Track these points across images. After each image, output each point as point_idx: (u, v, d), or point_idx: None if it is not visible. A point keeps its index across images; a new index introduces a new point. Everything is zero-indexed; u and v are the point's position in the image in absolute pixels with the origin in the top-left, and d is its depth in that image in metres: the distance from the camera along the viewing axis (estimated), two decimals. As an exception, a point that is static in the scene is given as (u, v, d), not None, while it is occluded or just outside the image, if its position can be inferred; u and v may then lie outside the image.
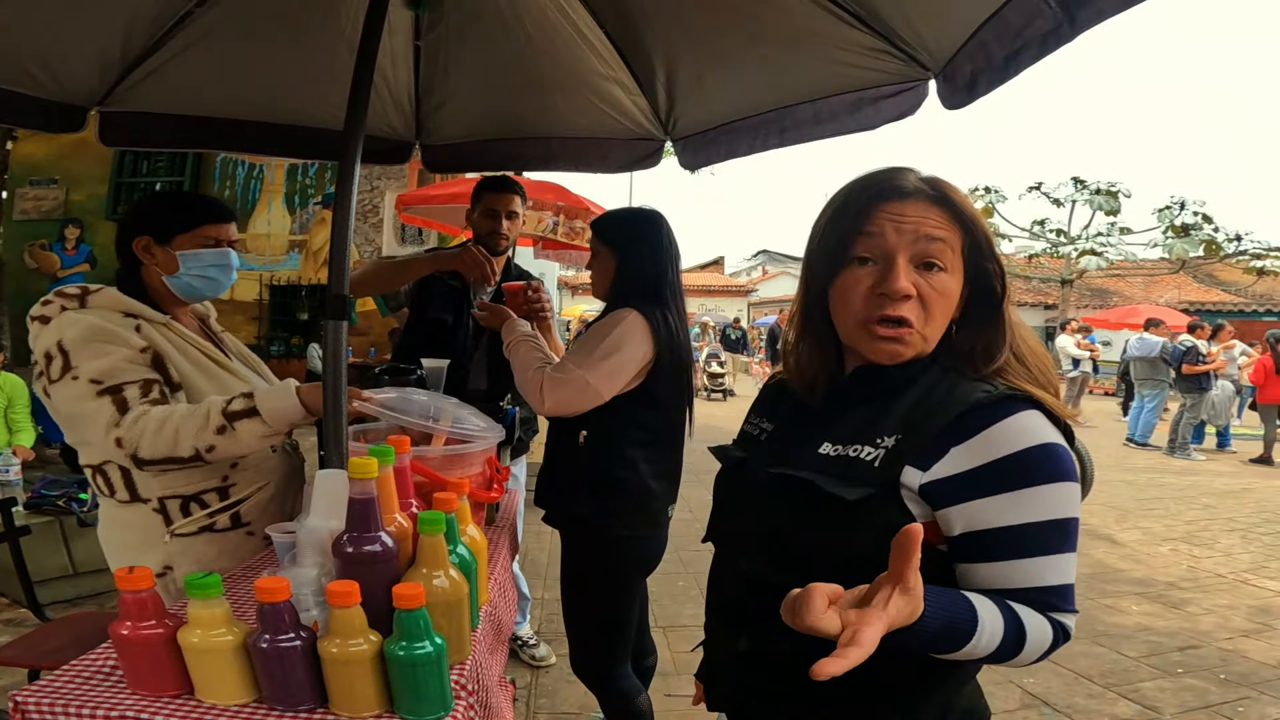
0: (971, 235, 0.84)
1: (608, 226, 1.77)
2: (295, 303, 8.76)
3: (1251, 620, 3.36)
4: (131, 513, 1.40)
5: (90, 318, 1.32)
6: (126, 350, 1.32)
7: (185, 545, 1.40)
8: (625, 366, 1.61)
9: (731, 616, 0.95)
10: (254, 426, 1.32)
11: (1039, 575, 0.74)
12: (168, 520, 1.39)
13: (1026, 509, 0.73)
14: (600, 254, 1.76)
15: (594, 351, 1.59)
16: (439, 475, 1.30)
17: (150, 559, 1.38)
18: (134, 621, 0.86)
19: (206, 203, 1.51)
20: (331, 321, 1.29)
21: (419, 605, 0.82)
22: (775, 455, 0.91)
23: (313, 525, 1.01)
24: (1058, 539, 0.74)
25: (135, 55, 1.80)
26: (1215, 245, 16.40)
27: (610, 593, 1.75)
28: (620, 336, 1.60)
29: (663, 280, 1.70)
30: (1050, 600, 0.75)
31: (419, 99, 2.21)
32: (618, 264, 1.72)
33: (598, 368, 1.58)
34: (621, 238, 1.74)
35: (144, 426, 1.28)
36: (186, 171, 8.65)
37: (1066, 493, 0.74)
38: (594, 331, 1.64)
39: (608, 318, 1.65)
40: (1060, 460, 0.74)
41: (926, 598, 0.65)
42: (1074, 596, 0.76)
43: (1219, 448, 9.03)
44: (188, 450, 1.29)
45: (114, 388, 1.29)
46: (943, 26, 1.40)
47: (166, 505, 1.39)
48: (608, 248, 1.74)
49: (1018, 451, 0.73)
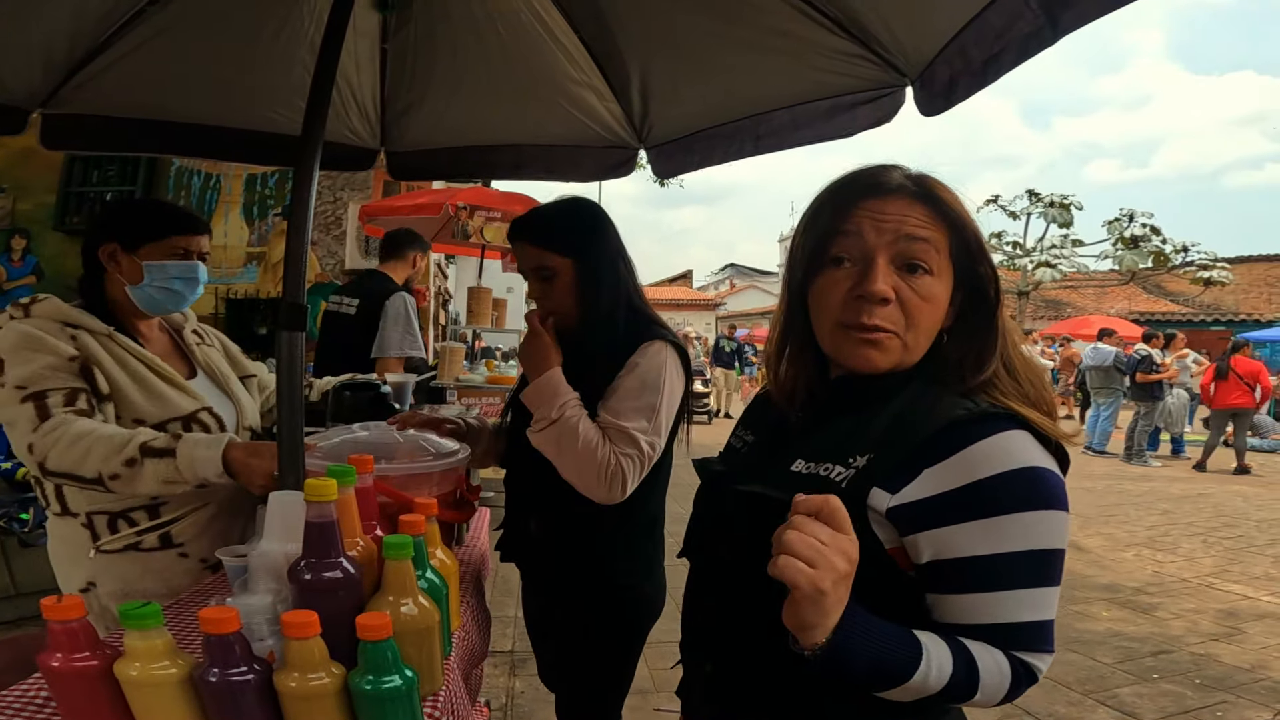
0: (960, 235, 0.79)
1: (554, 233, 1.42)
2: (253, 317, 8.52)
3: (1220, 624, 3.43)
4: (63, 526, 1.37)
5: (25, 326, 1.30)
6: (52, 358, 1.28)
7: (109, 562, 1.36)
8: (673, 413, 1.39)
9: (701, 640, 0.91)
10: (161, 469, 1.24)
11: (1010, 610, 0.69)
12: (94, 536, 1.35)
13: (1001, 538, 0.68)
14: (553, 271, 1.40)
15: (652, 409, 1.33)
16: (404, 495, 1.22)
17: (76, 573, 1.36)
18: (64, 653, 0.77)
19: (179, 212, 1.49)
20: (286, 332, 1.22)
21: (386, 636, 0.76)
22: (751, 471, 0.86)
23: (266, 549, 0.94)
24: (1034, 572, 0.69)
25: (82, 54, 1.69)
26: (1163, 256, 17.03)
27: (628, 649, 1.50)
28: (667, 381, 1.36)
29: (638, 286, 1.49)
30: (1020, 638, 0.70)
31: (384, 104, 2.14)
32: (583, 277, 1.40)
33: (661, 428, 1.33)
34: (579, 243, 1.41)
35: (59, 436, 1.22)
36: (139, 180, 8.34)
37: (1049, 521, 0.69)
38: (637, 379, 1.35)
39: (645, 359, 1.36)
40: (1043, 485, 0.69)
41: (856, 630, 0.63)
42: (1051, 635, 0.71)
43: (1174, 454, 9.32)
44: (91, 471, 1.23)
45: (37, 394, 1.25)
46: (922, 31, 1.39)
47: (94, 520, 1.36)
48: (563, 259, 1.40)
49: (995, 475, 0.68)
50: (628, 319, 1.43)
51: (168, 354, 1.52)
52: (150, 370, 1.41)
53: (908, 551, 0.72)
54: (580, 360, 1.39)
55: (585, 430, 1.29)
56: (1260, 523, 5.59)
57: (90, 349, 1.34)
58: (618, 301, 1.42)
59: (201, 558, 1.40)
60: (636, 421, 1.31)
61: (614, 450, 1.29)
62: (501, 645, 2.93)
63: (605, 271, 1.42)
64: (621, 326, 1.41)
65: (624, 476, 1.28)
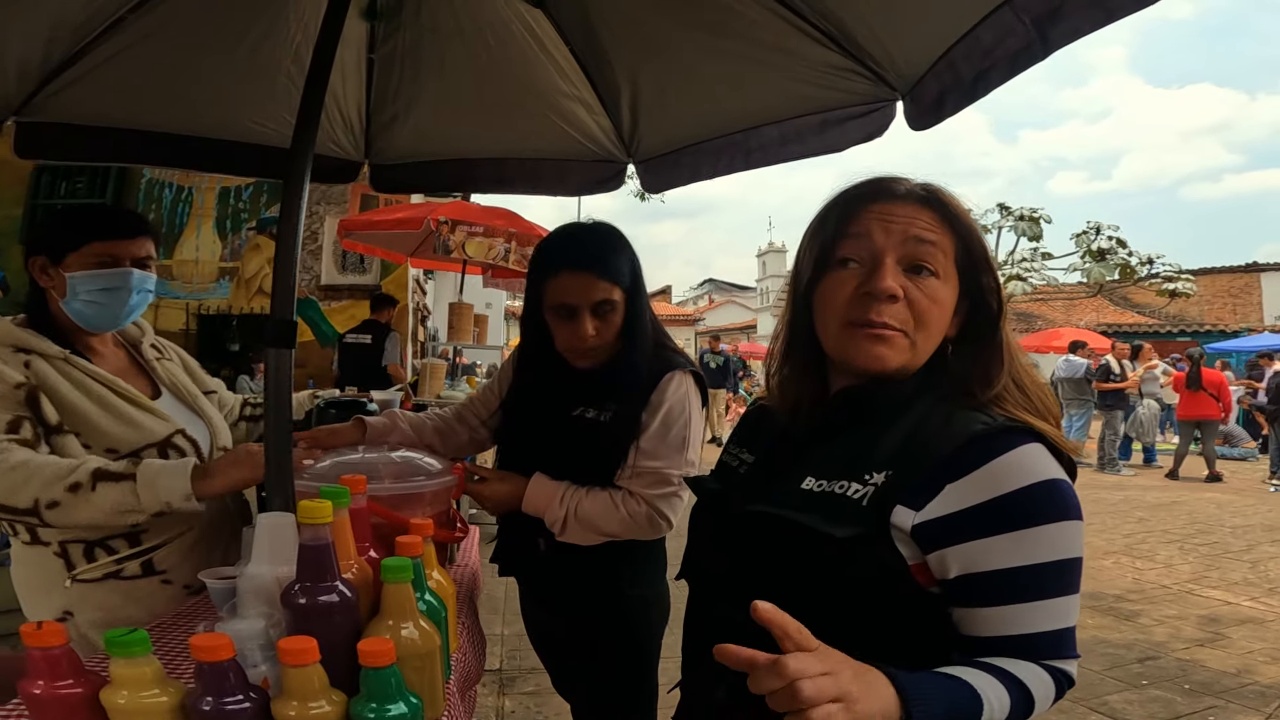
0: (966, 244, 0.79)
1: (614, 263, 1.33)
2: (226, 333, 8.36)
3: (1203, 630, 3.47)
4: (33, 554, 1.28)
5: None
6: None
7: (86, 592, 1.28)
8: (699, 440, 1.39)
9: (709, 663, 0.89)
10: (116, 494, 1.16)
11: (1041, 620, 0.70)
12: (69, 565, 1.27)
13: (1029, 550, 0.68)
14: (614, 305, 1.33)
15: (683, 441, 1.33)
16: (397, 515, 1.18)
17: (51, 602, 1.27)
18: (47, 680, 0.74)
19: (100, 215, 1.36)
20: (273, 350, 1.18)
21: (390, 662, 0.73)
22: (754, 490, 0.84)
23: (255, 572, 0.91)
24: (1061, 581, 0.70)
25: (58, 61, 1.65)
26: (1129, 269, 17.45)
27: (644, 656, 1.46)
28: (693, 415, 1.36)
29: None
30: (1050, 646, 0.70)
31: (369, 115, 2.11)
32: (631, 311, 1.35)
33: (691, 459, 1.34)
34: (631, 273, 1.36)
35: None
36: (108, 192, 8.17)
37: (1070, 531, 0.70)
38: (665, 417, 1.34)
39: (670, 396, 1.34)
40: (1064, 497, 0.70)
41: (923, 690, 0.61)
42: (1075, 640, 0.72)
43: (1146, 463, 9.50)
44: (26, 501, 1.14)
45: None
46: (913, 45, 1.40)
47: (68, 549, 1.27)
48: (622, 292, 1.34)
49: (1020, 489, 0.69)
50: (672, 356, 1.42)
51: (126, 372, 1.42)
52: (114, 393, 1.32)
53: (930, 567, 0.72)
54: (601, 384, 1.37)
55: (595, 505, 1.31)
56: (1234, 529, 5.70)
57: (45, 375, 1.25)
58: (645, 340, 1.38)
59: (185, 584, 1.34)
60: (670, 459, 1.32)
61: (640, 497, 1.31)
62: (489, 664, 2.87)
63: (645, 303, 1.40)
64: (673, 365, 1.39)
65: (663, 514, 1.31)
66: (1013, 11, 1.18)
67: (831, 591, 0.71)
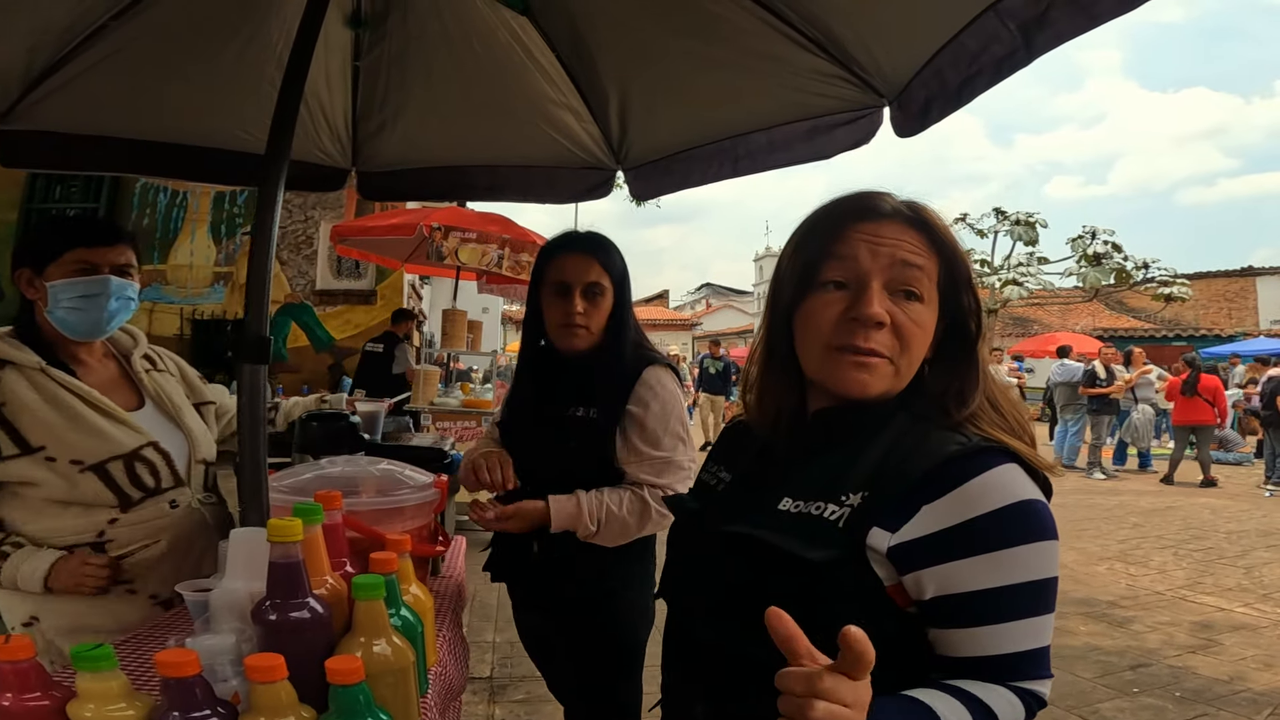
0: (950, 266, 0.79)
1: (609, 254, 1.49)
2: (220, 338, 8.34)
3: (1195, 636, 3.46)
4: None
5: None
6: None
7: (54, 598, 1.29)
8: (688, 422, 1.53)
9: (689, 681, 0.87)
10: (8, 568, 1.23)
11: (1015, 641, 0.69)
12: None
13: (1004, 571, 0.68)
14: (603, 290, 1.47)
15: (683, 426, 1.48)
16: (376, 531, 1.17)
17: (16, 607, 1.30)
18: (14, 693, 0.72)
19: (78, 224, 1.38)
20: (248, 365, 1.17)
21: (358, 680, 0.71)
22: (732, 510, 0.83)
23: (229, 587, 0.90)
24: (1035, 601, 0.69)
25: (41, 69, 1.64)
26: (1125, 273, 17.48)
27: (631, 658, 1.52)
28: (677, 402, 1.49)
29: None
30: (1024, 667, 0.70)
31: (356, 123, 2.10)
32: (618, 304, 1.49)
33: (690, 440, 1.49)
34: (622, 270, 1.51)
35: None
36: (102, 198, 8.15)
37: (1046, 552, 0.70)
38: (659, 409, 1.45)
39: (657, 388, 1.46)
40: (1039, 518, 0.70)
41: (886, 714, 0.60)
42: (1049, 660, 0.71)
43: (1141, 468, 9.48)
44: None
45: None
46: (900, 51, 1.40)
47: None
48: (612, 282, 1.48)
49: (994, 510, 0.68)
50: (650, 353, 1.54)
51: (112, 383, 1.42)
52: (86, 404, 1.32)
53: (907, 589, 0.71)
54: (589, 381, 1.48)
55: (614, 506, 1.40)
56: (1229, 535, 5.69)
57: (14, 391, 1.26)
58: (627, 333, 1.50)
59: (151, 594, 1.34)
60: (674, 446, 1.45)
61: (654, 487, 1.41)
62: (480, 671, 2.85)
63: (630, 303, 1.53)
64: (651, 359, 1.52)
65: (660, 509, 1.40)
66: (998, 17, 1.18)
67: (810, 612, 0.70)
